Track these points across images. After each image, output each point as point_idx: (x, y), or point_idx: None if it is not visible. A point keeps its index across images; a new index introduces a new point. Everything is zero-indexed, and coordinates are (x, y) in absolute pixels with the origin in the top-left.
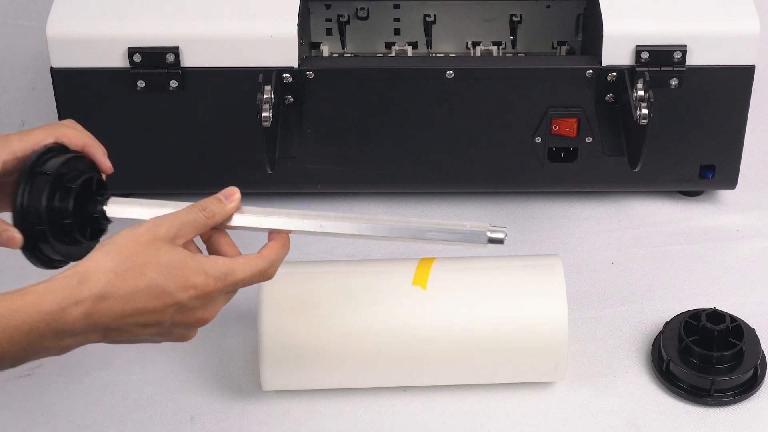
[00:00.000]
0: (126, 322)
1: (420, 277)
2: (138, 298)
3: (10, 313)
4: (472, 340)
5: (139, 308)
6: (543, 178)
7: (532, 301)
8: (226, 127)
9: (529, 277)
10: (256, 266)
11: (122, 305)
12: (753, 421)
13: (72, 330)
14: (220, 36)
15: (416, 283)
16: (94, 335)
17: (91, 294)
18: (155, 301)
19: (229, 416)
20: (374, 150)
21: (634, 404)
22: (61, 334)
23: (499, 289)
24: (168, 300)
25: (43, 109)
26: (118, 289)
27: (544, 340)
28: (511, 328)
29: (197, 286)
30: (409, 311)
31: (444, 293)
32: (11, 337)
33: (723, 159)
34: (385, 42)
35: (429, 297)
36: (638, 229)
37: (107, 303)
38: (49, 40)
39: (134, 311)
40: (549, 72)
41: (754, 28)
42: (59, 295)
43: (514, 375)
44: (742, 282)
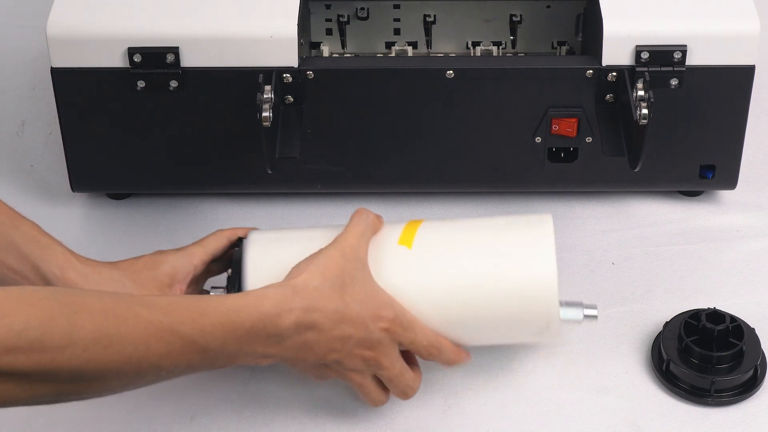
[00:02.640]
0: (322, 341)
1: (406, 237)
2: (338, 318)
3: (236, 308)
4: (458, 299)
5: (336, 330)
6: (543, 178)
7: (519, 258)
8: (226, 127)
9: (516, 234)
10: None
11: (325, 320)
12: (753, 421)
13: (281, 336)
14: (220, 36)
15: (402, 242)
16: (291, 350)
17: (302, 305)
18: (350, 326)
19: (229, 416)
20: (374, 150)
21: (634, 404)
22: (272, 338)
23: (485, 248)
24: (360, 326)
25: (43, 109)
26: (322, 306)
27: (534, 297)
28: (498, 287)
29: (384, 317)
30: (393, 270)
31: (429, 252)
32: (234, 332)
33: (723, 159)
34: (385, 42)
35: (413, 256)
36: (638, 229)
37: (314, 316)
38: (49, 40)
39: (332, 330)
40: (549, 72)
41: (754, 28)
42: (276, 300)
43: (504, 335)
44: (742, 282)
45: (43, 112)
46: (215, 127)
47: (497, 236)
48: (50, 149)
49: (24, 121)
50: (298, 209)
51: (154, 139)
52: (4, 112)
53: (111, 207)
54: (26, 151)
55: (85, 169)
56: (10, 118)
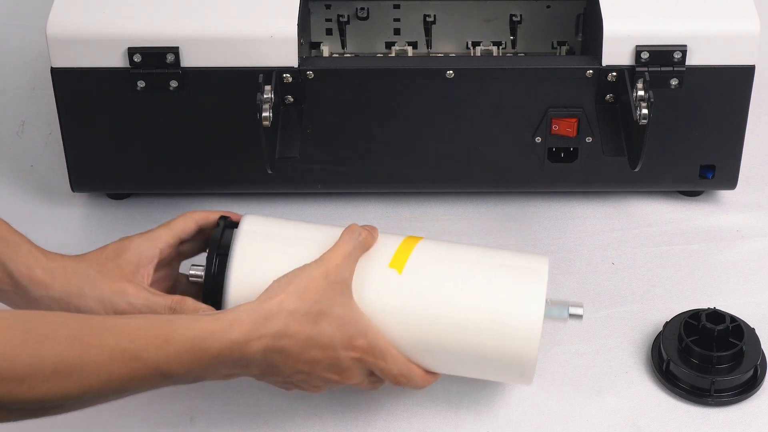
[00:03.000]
0: (288, 364)
1: (398, 260)
2: (308, 344)
3: (205, 335)
4: (439, 335)
5: (306, 354)
6: (543, 178)
7: (504, 309)
8: (226, 127)
9: (508, 283)
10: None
11: (293, 346)
12: (753, 421)
13: (248, 361)
14: (220, 36)
15: (393, 265)
16: (257, 370)
17: (272, 331)
18: (320, 352)
19: (229, 416)
20: (374, 150)
21: (634, 404)
22: (238, 363)
23: (472, 290)
24: (330, 353)
25: (43, 109)
26: (294, 332)
27: (512, 347)
28: (480, 329)
29: (356, 347)
30: (378, 294)
31: (419, 283)
32: (200, 359)
33: (723, 159)
34: (385, 42)
35: (402, 284)
36: (638, 229)
37: (282, 342)
38: (49, 40)
39: (300, 355)
40: (549, 72)
41: (754, 28)
42: (246, 327)
43: (478, 373)
44: (742, 282)
45: (43, 112)
46: (215, 127)
47: (490, 276)
48: (50, 149)
49: (24, 121)
50: (298, 209)
51: (154, 139)
52: (4, 112)
53: (111, 207)
54: (26, 151)
55: (85, 169)
56: (10, 118)
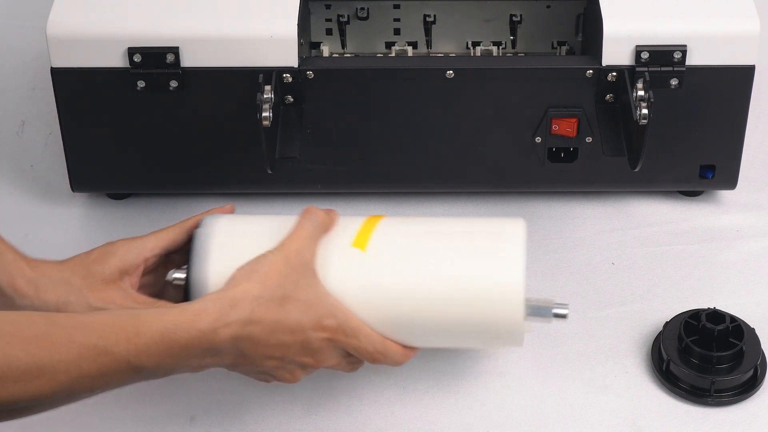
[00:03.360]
0: (259, 351)
1: (361, 239)
2: (276, 328)
3: (172, 326)
4: (412, 308)
5: (274, 338)
6: (543, 178)
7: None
8: (226, 127)
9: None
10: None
11: (261, 332)
12: (753, 421)
13: (218, 350)
14: (220, 36)
15: (356, 245)
16: (228, 359)
17: (239, 318)
18: (289, 336)
19: (229, 416)
20: (374, 150)
21: (634, 404)
22: (208, 353)
23: (442, 261)
24: (299, 336)
25: (43, 109)
26: (261, 317)
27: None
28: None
29: (325, 327)
30: (343, 274)
31: (384, 259)
32: (170, 350)
33: (723, 159)
34: (385, 42)
35: (366, 262)
36: (638, 229)
37: (250, 328)
38: (49, 40)
39: (269, 340)
40: (549, 72)
41: (754, 28)
42: (213, 316)
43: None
44: (742, 282)
45: (43, 112)
46: (215, 127)
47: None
48: (50, 149)
49: (24, 121)
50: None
51: (154, 139)
52: (4, 112)
53: (111, 207)
54: (26, 151)
55: (85, 169)
56: (10, 118)
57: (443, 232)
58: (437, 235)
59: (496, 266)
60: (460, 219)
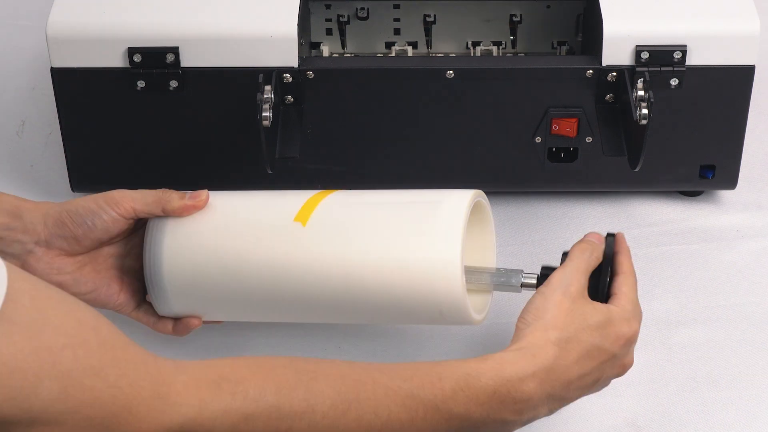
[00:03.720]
0: (571, 389)
1: (304, 213)
2: (581, 364)
3: (476, 373)
4: (340, 282)
5: (583, 373)
6: (543, 178)
7: (414, 245)
8: (226, 127)
9: (419, 216)
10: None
11: (568, 374)
12: (753, 421)
13: (528, 400)
14: (220, 36)
15: (298, 219)
16: (543, 408)
17: (543, 366)
18: (595, 362)
19: None
20: (374, 150)
21: (634, 404)
22: (519, 404)
23: (380, 231)
24: (605, 357)
25: (43, 109)
26: (564, 360)
27: (429, 285)
28: (386, 277)
29: (625, 335)
30: (280, 248)
31: (320, 232)
32: (477, 398)
33: (723, 159)
34: (385, 42)
35: (303, 235)
36: (638, 229)
37: (555, 374)
38: (49, 40)
39: (579, 376)
40: (549, 72)
41: (754, 28)
42: (518, 366)
43: (394, 318)
44: (742, 282)
45: (43, 112)
46: (215, 127)
47: (400, 213)
48: (50, 149)
49: (24, 121)
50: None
51: (154, 139)
52: (4, 112)
53: None
54: (26, 151)
55: (85, 169)
56: (10, 118)
57: (385, 203)
58: (376, 207)
59: (431, 236)
60: (408, 191)
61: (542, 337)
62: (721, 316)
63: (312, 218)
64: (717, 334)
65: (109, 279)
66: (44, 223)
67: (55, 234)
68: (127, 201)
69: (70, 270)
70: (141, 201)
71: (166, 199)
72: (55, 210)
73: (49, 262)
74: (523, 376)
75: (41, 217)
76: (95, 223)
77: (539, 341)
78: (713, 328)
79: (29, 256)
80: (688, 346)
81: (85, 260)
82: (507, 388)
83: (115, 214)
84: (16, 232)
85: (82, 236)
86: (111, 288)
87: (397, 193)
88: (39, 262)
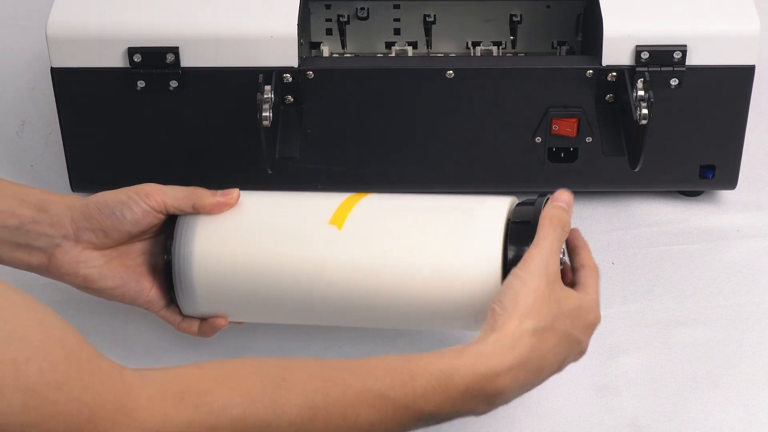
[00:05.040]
0: (542, 376)
1: (339, 216)
2: (554, 352)
3: (451, 370)
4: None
5: (555, 360)
6: (543, 178)
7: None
8: (226, 127)
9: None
10: None
11: (541, 362)
12: (754, 421)
13: (501, 395)
14: (220, 36)
15: (333, 222)
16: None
17: (519, 360)
18: (565, 349)
19: None
20: (374, 150)
21: (634, 404)
22: (491, 397)
23: (420, 238)
24: (573, 344)
25: (43, 109)
26: (539, 351)
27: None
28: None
29: (592, 323)
30: (316, 252)
31: (357, 236)
32: (449, 395)
33: (723, 159)
34: (385, 42)
35: (340, 239)
36: (638, 229)
37: (529, 365)
38: (49, 40)
39: (550, 364)
40: (549, 72)
41: (754, 28)
42: (494, 361)
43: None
44: (742, 282)
45: (43, 112)
46: (215, 127)
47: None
48: (50, 149)
49: (24, 121)
50: None
51: (154, 139)
52: (4, 112)
53: None
54: (26, 151)
55: (85, 169)
56: (10, 118)
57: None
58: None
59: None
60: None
61: (519, 327)
62: (721, 316)
63: (348, 222)
64: (717, 334)
65: (139, 275)
66: (71, 217)
67: (83, 227)
68: (158, 194)
69: (97, 264)
70: (172, 195)
71: (198, 195)
72: (82, 203)
73: (76, 255)
74: (498, 371)
75: (67, 210)
76: (124, 214)
77: (516, 332)
78: (713, 328)
79: (56, 249)
80: (688, 346)
81: (113, 254)
82: (481, 385)
83: (145, 205)
84: (43, 225)
85: (111, 228)
86: (141, 284)
87: (432, 199)
88: (66, 255)
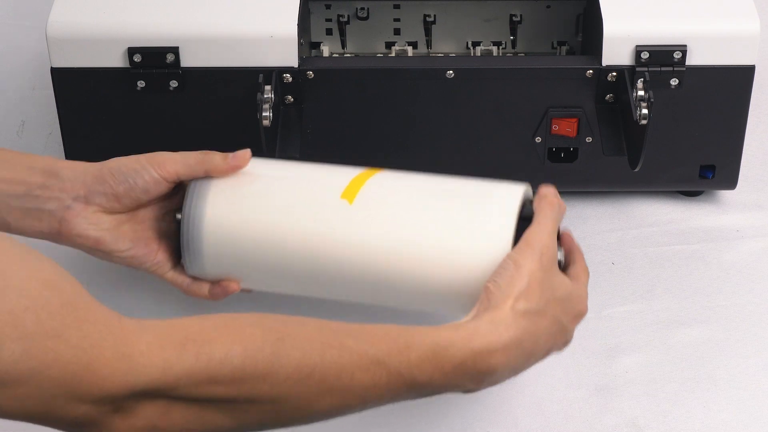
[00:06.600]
0: (531, 360)
1: (350, 191)
2: (545, 338)
3: (446, 342)
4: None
5: (545, 346)
6: (543, 178)
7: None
8: (226, 127)
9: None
10: None
11: (533, 346)
12: (753, 422)
13: (492, 373)
14: (220, 36)
15: (344, 196)
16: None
17: (513, 340)
18: (553, 335)
19: None
20: (374, 150)
21: (634, 404)
22: (482, 375)
23: (431, 216)
24: (562, 331)
25: (43, 109)
26: (532, 334)
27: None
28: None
29: (581, 313)
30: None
31: (368, 212)
32: (442, 368)
33: (723, 159)
34: (385, 42)
35: (350, 214)
36: (638, 229)
37: (522, 347)
38: (49, 40)
39: (541, 349)
40: (549, 72)
41: (754, 28)
42: (489, 338)
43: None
44: (742, 282)
45: (43, 112)
46: (215, 127)
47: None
48: (50, 149)
49: (24, 121)
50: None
51: (154, 139)
52: (4, 112)
53: None
54: (26, 150)
55: None
56: (10, 118)
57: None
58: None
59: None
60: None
61: (513, 307)
62: (721, 316)
63: (359, 197)
64: (717, 334)
65: (146, 239)
66: (83, 180)
67: (95, 190)
68: (171, 164)
69: (108, 226)
70: (183, 163)
71: (209, 160)
72: (96, 167)
73: (87, 217)
74: (492, 349)
75: (81, 174)
76: (137, 181)
77: (510, 312)
78: (713, 328)
79: (67, 211)
80: (688, 346)
81: (123, 219)
82: (474, 360)
83: (157, 175)
84: (53, 190)
85: (123, 194)
86: (149, 247)
87: (445, 181)
88: (77, 217)
